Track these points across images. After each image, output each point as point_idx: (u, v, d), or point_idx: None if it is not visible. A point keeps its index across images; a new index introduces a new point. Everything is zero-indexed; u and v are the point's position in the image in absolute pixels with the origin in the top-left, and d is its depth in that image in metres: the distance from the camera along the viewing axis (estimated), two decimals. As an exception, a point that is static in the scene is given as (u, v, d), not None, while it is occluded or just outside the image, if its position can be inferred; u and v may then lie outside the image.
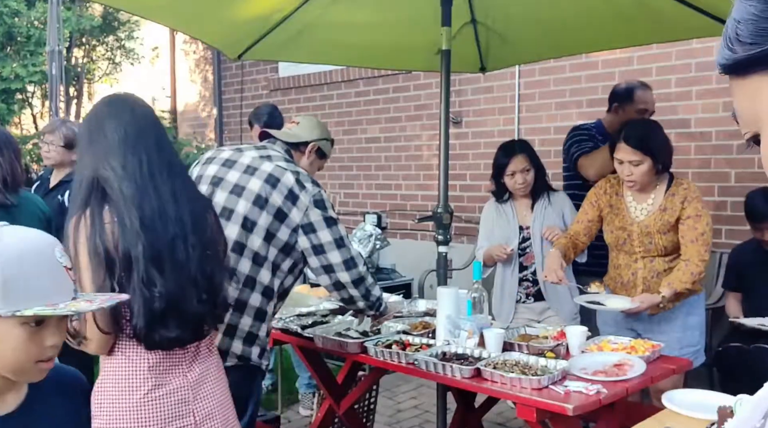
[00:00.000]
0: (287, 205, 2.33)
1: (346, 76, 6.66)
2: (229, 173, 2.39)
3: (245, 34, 3.48)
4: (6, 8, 7.06)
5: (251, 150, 2.47)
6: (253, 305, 2.31)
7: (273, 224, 2.32)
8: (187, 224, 1.75)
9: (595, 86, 5.00)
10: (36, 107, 8.18)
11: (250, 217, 2.31)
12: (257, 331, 2.33)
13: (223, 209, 2.30)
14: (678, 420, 2.02)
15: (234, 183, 2.36)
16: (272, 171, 2.37)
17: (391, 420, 4.25)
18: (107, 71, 9.02)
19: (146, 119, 1.85)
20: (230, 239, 2.21)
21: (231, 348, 2.28)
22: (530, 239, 3.41)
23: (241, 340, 2.30)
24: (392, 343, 2.67)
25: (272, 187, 2.33)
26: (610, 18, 3.25)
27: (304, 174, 2.42)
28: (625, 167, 2.96)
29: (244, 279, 2.29)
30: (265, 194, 2.32)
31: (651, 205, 3.04)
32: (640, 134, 2.96)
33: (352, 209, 6.72)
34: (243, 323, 2.30)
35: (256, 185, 2.34)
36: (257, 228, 2.31)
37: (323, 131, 2.70)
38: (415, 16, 3.38)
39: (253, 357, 2.33)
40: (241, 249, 2.30)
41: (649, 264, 3.05)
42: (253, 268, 2.31)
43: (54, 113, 5.49)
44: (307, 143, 2.62)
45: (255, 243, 2.31)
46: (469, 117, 5.78)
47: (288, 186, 2.34)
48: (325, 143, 2.69)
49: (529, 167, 3.40)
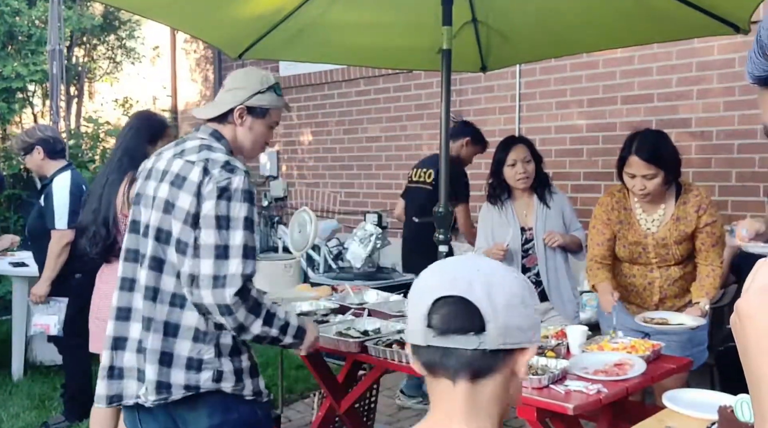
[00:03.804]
0: (194, 203, 1.97)
1: (347, 75, 6.66)
2: (148, 186, 2.12)
3: (246, 33, 3.48)
4: (7, 7, 7.06)
5: (169, 149, 2.17)
6: (187, 325, 2.00)
7: (185, 231, 1.97)
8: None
9: (595, 86, 5.00)
10: (37, 106, 8.18)
11: (163, 227, 2.01)
12: (200, 355, 1.99)
13: (146, 227, 2.07)
14: (678, 420, 2.02)
15: (151, 196, 2.08)
16: (179, 170, 2.04)
17: (392, 420, 4.25)
18: (108, 70, 9.02)
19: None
20: (149, 256, 2.03)
21: (171, 379, 1.99)
22: (533, 240, 3.40)
23: (182, 368, 1.99)
24: (393, 342, 2.67)
25: (178, 189, 2.00)
26: (611, 17, 3.25)
27: (215, 160, 2.02)
28: (638, 181, 2.88)
29: (169, 298, 2.00)
30: (172, 198, 2.00)
31: (662, 216, 2.99)
32: (652, 147, 2.86)
33: (352, 208, 6.72)
34: (180, 348, 1.99)
35: (164, 191, 2.04)
36: (172, 239, 1.99)
37: (250, 84, 2.19)
38: (416, 16, 3.38)
39: (204, 383, 1.99)
40: (160, 265, 2.01)
41: (665, 273, 3.03)
42: (177, 283, 1.99)
43: (54, 112, 5.49)
44: (232, 111, 2.17)
45: (172, 255, 1.99)
46: (470, 117, 5.76)
47: (195, 181, 1.98)
48: (258, 97, 2.19)
49: (529, 157, 3.38)
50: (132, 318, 2.09)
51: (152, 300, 2.02)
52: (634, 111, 4.80)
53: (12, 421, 4.19)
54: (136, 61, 8.99)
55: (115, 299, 2.13)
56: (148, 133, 3.25)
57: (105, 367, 2.10)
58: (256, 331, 2.02)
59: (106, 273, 3.25)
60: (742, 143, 4.33)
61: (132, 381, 2.07)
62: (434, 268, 1.13)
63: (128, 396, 2.08)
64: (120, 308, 2.11)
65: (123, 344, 2.09)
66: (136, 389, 2.06)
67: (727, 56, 4.37)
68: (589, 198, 4.90)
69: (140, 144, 3.21)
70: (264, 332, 2.04)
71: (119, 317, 2.11)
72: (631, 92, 4.82)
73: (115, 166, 3.25)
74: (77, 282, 3.81)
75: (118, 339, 2.10)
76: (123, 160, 3.22)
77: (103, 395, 2.10)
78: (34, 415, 4.26)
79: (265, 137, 2.27)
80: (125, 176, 3.14)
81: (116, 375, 2.09)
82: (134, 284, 2.10)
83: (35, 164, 4.02)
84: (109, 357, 2.10)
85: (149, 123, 3.33)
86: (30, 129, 4.23)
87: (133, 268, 2.11)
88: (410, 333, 1.10)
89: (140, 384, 2.05)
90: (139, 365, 2.05)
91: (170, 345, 1.99)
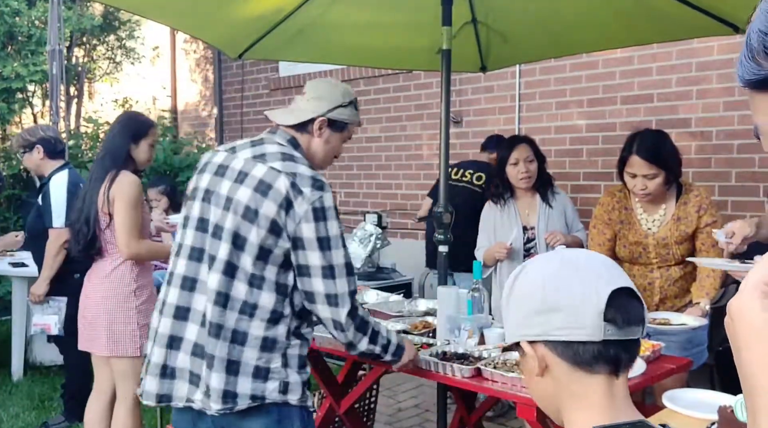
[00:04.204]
0: (281, 215, 1.95)
1: (347, 75, 6.66)
2: (221, 185, 2.05)
3: (246, 33, 3.48)
4: (7, 7, 7.06)
5: (246, 149, 2.11)
6: (255, 334, 1.98)
7: (267, 239, 1.96)
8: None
9: (595, 86, 5.00)
10: (37, 107, 8.18)
11: (240, 233, 1.97)
12: (267, 364, 1.99)
13: (216, 228, 2.01)
14: (678, 420, 2.02)
15: (226, 196, 2.03)
16: (263, 176, 1.99)
17: (392, 420, 4.25)
18: (108, 71, 9.02)
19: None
20: (222, 260, 1.98)
21: (238, 388, 1.97)
22: (535, 239, 3.40)
23: (248, 377, 1.98)
24: (392, 342, 2.67)
25: (263, 195, 1.97)
26: (611, 17, 3.25)
27: (303, 175, 2.00)
28: (639, 180, 2.88)
29: (239, 306, 1.97)
30: (256, 205, 1.97)
31: (663, 216, 3.00)
32: (653, 147, 2.86)
33: (352, 208, 6.72)
34: (247, 357, 1.97)
35: (245, 195, 1.99)
36: (248, 246, 1.96)
37: (333, 96, 2.19)
38: (416, 16, 3.38)
39: (270, 394, 1.98)
40: (233, 271, 1.98)
41: (665, 273, 3.03)
42: (249, 292, 1.98)
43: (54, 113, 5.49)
44: (313, 120, 2.17)
45: (247, 263, 1.97)
46: (470, 117, 5.78)
47: (282, 193, 1.96)
48: (339, 111, 2.19)
49: (532, 157, 3.38)
50: (190, 319, 2.03)
51: (222, 307, 1.97)
52: (634, 111, 4.80)
53: (12, 421, 4.19)
54: (136, 62, 8.99)
55: (172, 297, 2.05)
56: (131, 132, 3.25)
57: (158, 365, 2.04)
58: (362, 348, 2.15)
59: (92, 272, 3.28)
60: (741, 143, 4.33)
61: (183, 382, 2.03)
62: (578, 263, 1.08)
63: (178, 398, 2.04)
64: (179, 306, 2.04)
65: (179, 344, 2.03)
66: (186, 391, 2.02)
67: (727, 56, 4.37)
68: (588, 198, 4.90)
69: (122, 144, 3.22)
70: (369, 349, 2.16)
71: (177, 316, 2.04)
72: (630, 92, 4.82)
73: (98, 165, 3.27)
74: (76, 282, 3.80)
75: (174, 338, 2.04)
76: (105, 159, 3.23)
77: (153, 392, 2.05)
78: (33, 415, 4.27)
79: (337, 151, 2.27)
80: (107, 175, 3.16)
81: (168, 374, 2.04)
82: (196, 284, 2.03)
83: (34, 163, 4.03)
84: (164, 356, 2.04)
85: (132, 122, 3.32)
86: (32, 128, 4.24)
87: (197, 267, 2.04)
88: (574, 331, 1.03)
89: (192, 387, 2.01)
90: (193, 368, 2.01)
91: (237, 353, 1.97)
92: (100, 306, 3.18)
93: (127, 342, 3.15)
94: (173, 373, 2.04)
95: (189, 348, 2.02)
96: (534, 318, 1.06)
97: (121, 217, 3.11)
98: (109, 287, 3.18)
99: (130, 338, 3.15)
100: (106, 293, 3.18)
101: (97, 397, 3.34)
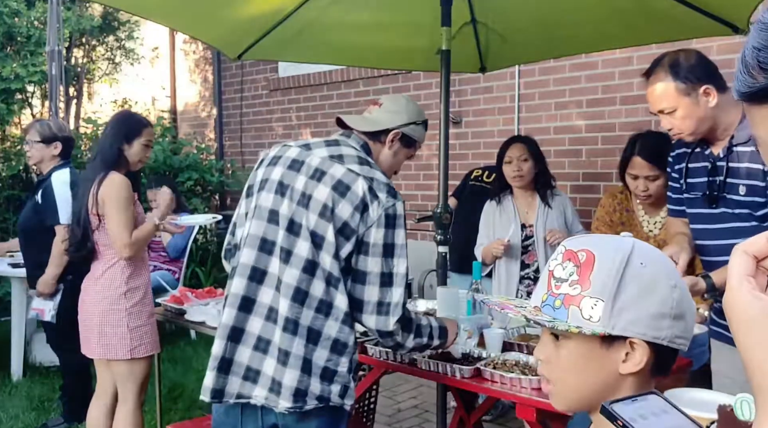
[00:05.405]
0: (355, 218, 1.97)
1: (346, 76, 6.66)
2: (296, 179, 2.05)
3: (245, 34, 3.48)
4: (6, 8, 7.06)
5: (321, 147, 2.13)
6: (328, 334, 1.99)
7: (338, 239, 1.97)
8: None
9: (594, 86, 5.00)
10: (36, 107, 8.17)
11: (318, 231, 1.98)
12: (335, 366, 2.00)
13: (291, 223, 2.00)
14: (678, 420, 2.01)
15: (301, 191, 2.02)
16: (342, 177, 2.01)
17: (391, 420, 4.25)
18: (107, 71, 9.01)
19: None
20: (301, 257, 1.98)
21: (309, 387, 1.97)
22: (533, 237, 3.42)
23: (318, 377, 1.98)
24: (392, 343, 2.67)
25: (341, 196, 1.98)
26: (610, 18, 3.25)
27: (379, 181, 2.03)
28: (641, 182, 2.88)
29: (317, 304, 1.97)
30: (332, 203, 1.98)
31: (664, 218, 2.97)
32: (655, 148, 2.85)
33: (351, 209, 6.72)
34: (317, 356, 1.98)
35: (322, 193, 2.00)
36: (326, 244, 1.97)
37: (410, 113, 2.27)
38: (415, 16, 3.38)
39: (333, 396, 2.00)
40: (313, 269, 1.97)
41: None
42: (327, 291, 1.98)
43: (54, 113, 5.49)
44: (388, 131, 2.23)
45: (326, 262, 1.97)
46: (469, 117, 5.78)
47: (359, 196, 1.98)
48: (413, 127, 2.27)
49: (526, 156, 3.41)
50: (254, 312, 2.00)
51: (300, 304, 1.96)
52: (633, 112, 4.80)
53: (11, 422, 4.18)
54: (135, 62, 8.98)
55: (238, 287, 2.02)
56: (123, 132, 3.24)
57: (216, 357, 2.01)
58: (410, 345, 2.16)
59: (87, 274, 3.27)
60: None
61: (236, 378, 2.00)
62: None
63: (229, 394, 2.01)
64: (245, 297, 2.01)
65: (240, 336, 2.00)
66: (238, 387, 2.00)
67: (726, 56, 4.37)
68: (588, 199, 4.90)
69: (114, 144, 3.21)
70: (417, 343, 2.18)
71: (242, 308, 2.01)
72: (630, 93, 4.82)
73: (90, 166, 3.28)
74: (69, 283, 3.79)
75: (236, 330, 2.01)
76: (96, 160, 3.24)
77: (209, 387, 2.01)
78: (33, 416, 4.26)
79: (400, 165, 2.32)
80: (96, 177, 3.15)
81: (224, 368, 2.01)
82: (265, 276, 2.01)
83: (40, 156, 3.96)
84: (223, 348, 2.01)
85: (125, 122, 3.31)
86: (59, 122, 4.21)
87: (266, 259, 2.01)
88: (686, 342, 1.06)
89: (250, 384, 1.99)
90: (251, 363, 1.99)
91: (310, 352, 1.98)
92: (91, 309, 3.17)
93: (118, 344, 3.13)
94: (229, 367, 2.01)
95: (252, 342, 2.00)
96: (663, 321, 1.03)
97: (115, 221, 3.10)
98: (100, 290, 3.17)
99: (120, 340, 3.12)
100: (97, 295, 3.17)
101: (98, 399, 3.33)
